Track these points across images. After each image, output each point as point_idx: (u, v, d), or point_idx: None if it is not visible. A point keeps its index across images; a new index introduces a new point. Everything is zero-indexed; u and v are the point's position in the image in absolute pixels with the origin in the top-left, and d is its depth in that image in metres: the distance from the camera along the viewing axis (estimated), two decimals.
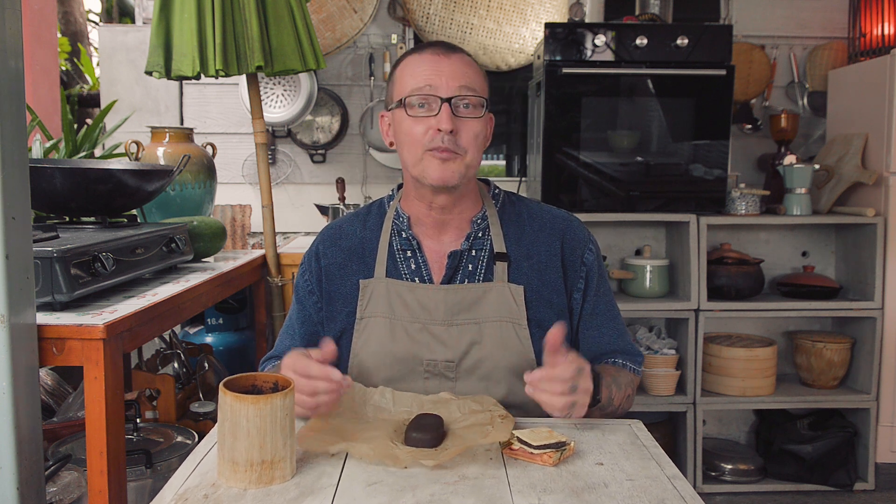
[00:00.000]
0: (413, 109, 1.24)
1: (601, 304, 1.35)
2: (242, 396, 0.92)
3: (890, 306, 2.80)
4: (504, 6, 3.16)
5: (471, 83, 1.25)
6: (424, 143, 1.23)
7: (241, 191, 3.21)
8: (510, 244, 1.32)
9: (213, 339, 2.75)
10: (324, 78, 3.19)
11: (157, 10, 2.18)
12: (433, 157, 1.23)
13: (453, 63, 1.25)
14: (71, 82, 4.39)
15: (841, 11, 3.29)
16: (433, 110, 1.23)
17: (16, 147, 1.17)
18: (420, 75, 1.24)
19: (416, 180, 1.27)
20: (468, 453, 1.03)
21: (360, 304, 1.29)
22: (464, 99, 1.23)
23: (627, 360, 1.34)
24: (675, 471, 1.01)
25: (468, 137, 1.24)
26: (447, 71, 1.24)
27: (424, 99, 1.23)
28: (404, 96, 1.24)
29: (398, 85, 1.28)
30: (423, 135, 1.23)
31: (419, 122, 1.23)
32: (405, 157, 1.28)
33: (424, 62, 1.25)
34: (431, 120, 1.23)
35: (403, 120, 1.25)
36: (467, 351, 1.25)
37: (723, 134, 2.75)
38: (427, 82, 1.23)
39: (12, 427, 1.18)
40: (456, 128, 1.22)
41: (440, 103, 1.22)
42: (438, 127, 1.21)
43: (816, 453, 2.85)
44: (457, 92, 1.23)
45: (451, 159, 1.23)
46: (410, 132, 1.24)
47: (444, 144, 1.21)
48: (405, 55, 1.31)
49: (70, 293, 1.39)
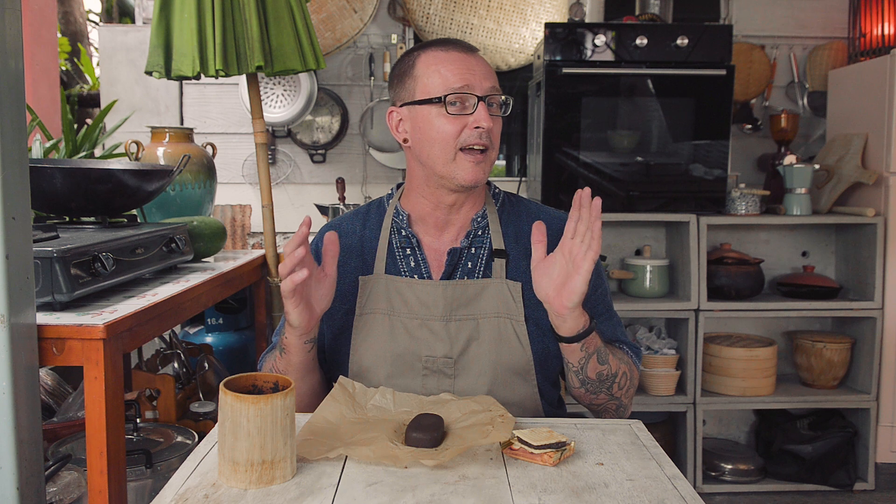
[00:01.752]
0: (451, 108, 1.24)
1: (599, 303, 1.36)
2: (243, 396, 0.92)
3: (890, 306, 2.80)
4: (504, 6, 3.16)
5: (496, 83, 1.28)
6: (459, 141, 1.23)
7: (241, 191, 3.21)
8: (509, 242, 1.33)
9: (213, 339, 2.75)
10: (324, 78, 3.19)
11: (157, 10, 2.18)
12: (467, 159, 1.24)
13: (480, 62, 1.27)
14: (71, 82, 4.39)
15: (841, 11, 3.29)
16: (468, 109, 1.24)
17: (16, 147, 1.17)
18: (455, 73, 1.24)
19: (439, 178, 1.27)
20: (468, 453, 1.03)
21: (359, 300, 1.30)
22: (494, 98, 1.26)
23: (628, 350, 1.36)
24: (675, 471, 1.01)
25: (496, 134, 1.27)
26: (478, 70, 1.25)
27: (461, 97, 1.23)
28: (443, 94, 1.23)
29: (422, 82, 1.26)
30: (458, 133, 1.23)
31: (455, 120, 1.23)
32: (433, 154, 1.26)
33: (454, 60, 1.25)
34: (467, 118, 1.23)
35: (436, 118, 1.24)
36: (465, 347, 1.26)
37: (723, 134, 2.76)
38: (464, 81, 1.24)
39: (12, 427, 1.18)
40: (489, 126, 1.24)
41: (476, 101, 1.23)
42: (477, 124, 1.22)
43: (816, 453, 2.85)
44: (489, 91, 1.25)
45: (483, 161, 1.25)
46: (443, 130, 1.24)
47: (482, 140, 1.23)
48: (421, 51, 1.29)
49: (70, 293, 1.39)
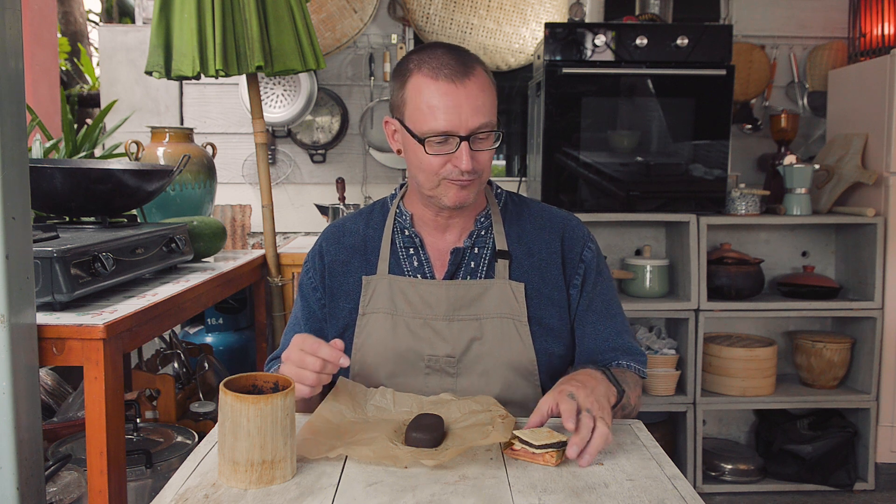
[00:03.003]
0: (432, 147, 1.21)
1: (597, 301, 1.34)
2: (243, 396, 0.92)
3: (890, 306, 2.80)
4: (504, 6, 3.16)
5: (488, 114, 1.22)
6: (442, 173, 1.23)
7: (241, 191, 3.21)
8: (512, 242, 1.33)
9: (213, 339, 2.75)
10: (324, 78, 3.19)
11: (157, 10, 2.18)
12: (451, 185, 1.23)
13: (469, 92, 1.20)
14: (71, 82, 4.39)
15: (841, 11, 3.29)
16: (451, 147, 1.21)
17: (16, 147, 1.17)
18: (438, 114, 1.19)
19: (427, 198, 1.28)
20: (468, 453, 1.03)
21: (362, 300, 1.30)
22: (481, 134, 1.22)
23: (631, 361, 1.33)
24: (675, 471, 1.01)
25: (483, 162, 1.24)
26: (465, 106, 1.19)
27: (443, 138, 1.21)
28: (422, 136, 1.21)
29: (410, 108, 1.23)
30: (441, 166, 1.22)
31: (438, 157, 1.22)
32: (419, 178, 1.26)
33: (442, 95, 1.19)
34: (450, 156, 1.21)
35: (420, 150, 1.22)
36: (468, 347, 1.26)
37: (723, 134, 2.75)
38: (448, 124, 1.19)
39: (12, 427, 1.18)
40: (474, 158, 1.21)
41: (459, 142, 1.20)
42: (458, 166, 1.21)
43: (816, 453, 2.85)
44: (476, 129, 1.21)
45: (469, 185, 1.24)
46: (427, 162, 1.22)
47: (463, 178, 1.22)
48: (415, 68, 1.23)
49: (70, 293, 1.39)
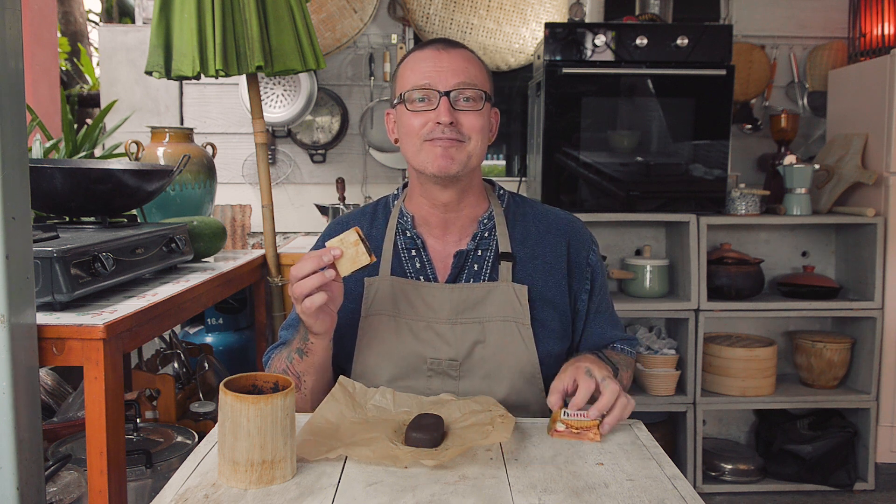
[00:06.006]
0: (413, 104, 1.26)
1: (603, 302, 1.39)
2: (243, 396, 0.92)
3: (890, 306, 2.80)
4: (504, 6, 3.16)
5: (471, 78, 1.26)
6: (423, 134, 1.24)
7: (241, 191, 3.21)
8: (515, 244, 1.33)
9: (213, 339, 2.75)
10: (324, 78, 3.19)
11: (157, 10, 2.18)
12: (432, 146, 1.24)
13: (453, 58, 1.27)
14: (71, 82, 4.39)
15: (841, 11, 3.29)
16: (432, 104, 1.24)
17: (16, 147, 1.17)
18: (420, 71, 1.26)
19: (418, 173, 1.29)
20: (468, 453, 1.03)
21: (364, 301, 1.30)
22: (463, 92, 1.25)
23: (625, 345, 1.41)
24: (675, 471, 1.01)
25: (470, 126, 1.25)
26: (447, 66, 1.25)
27: (424, 93, 1.25)
28: (404, 91, 1.27)
29: (400, 81, 1.30)
30: (422, 127, 1.25)
31: (418, 115, 1.25)
32: (406, 149, 1.29)
33: (425, 59, 1.27)
34: (431, 114, 1.24)
35: (404, 114, 1.28)
36: (471, 350, 1.26)
37: (723, 134, 2.75)
38: (426, 78, 1.25)
39: (12, 427, 1.18)
40: (456, 119, 1.24)
41: (439, 97, 1.24)
42: (437, 120, 1.23)
43: (816, 453, 2.85)
44: (455, 86, 1.24)
45: (452, 146, 1.24)
46: (410, 125, 1.26)
47: (444, 135, 1.23)
48: (409, 53, 1.32)
49: (70, 293, 1.39)
